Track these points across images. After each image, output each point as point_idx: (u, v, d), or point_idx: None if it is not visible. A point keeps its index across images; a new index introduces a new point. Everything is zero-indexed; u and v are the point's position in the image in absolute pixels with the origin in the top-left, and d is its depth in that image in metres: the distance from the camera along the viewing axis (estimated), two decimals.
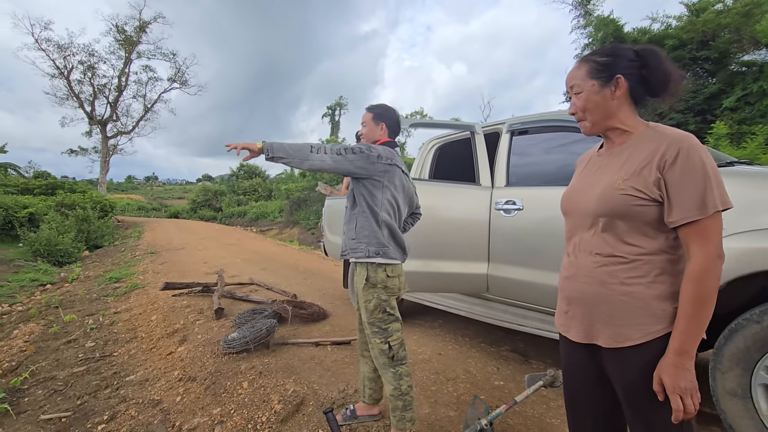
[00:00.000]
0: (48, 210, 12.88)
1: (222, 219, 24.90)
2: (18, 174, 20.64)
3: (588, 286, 1.02)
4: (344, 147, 1.71)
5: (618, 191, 0.96)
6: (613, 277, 0.97)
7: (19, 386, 2.82)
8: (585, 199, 1.06)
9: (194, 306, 4.36)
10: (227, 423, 2.11)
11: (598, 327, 1.00)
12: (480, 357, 2.89)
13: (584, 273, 1.03)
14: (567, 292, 1.10)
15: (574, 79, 1.07)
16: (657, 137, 0.96)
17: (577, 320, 1.06)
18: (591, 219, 1.03)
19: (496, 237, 2.68)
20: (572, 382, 1.15)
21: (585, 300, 1.03)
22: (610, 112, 1.02)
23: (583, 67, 1.05)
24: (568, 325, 1.10)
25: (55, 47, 24.15)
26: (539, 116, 2.78)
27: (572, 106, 1.09)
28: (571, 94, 1.09)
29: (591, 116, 1.05)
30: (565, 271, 1.12)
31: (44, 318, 4.54)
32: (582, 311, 1.04)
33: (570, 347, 1.12)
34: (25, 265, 8.34)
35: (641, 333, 0.94)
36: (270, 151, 1.64)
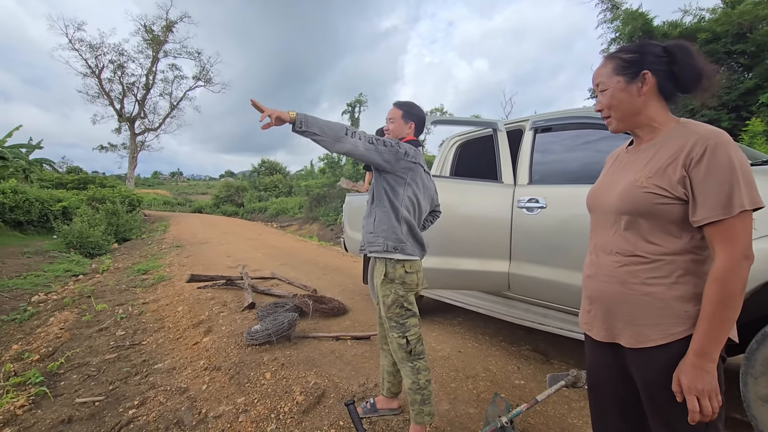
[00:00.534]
0: (80, 204, 13.42)
1: (243, 214, 25.39)
2: (52, 169, 21.56)
3: (609, 286, 1.01)
4: (376, 138, 1.70)
5: (641, 189, 0.95)
6: (634, 276, 0.96)
7: (56, 371, 2.96)
8: (608, 196, 1.05)
9: (218, 298, 4.48)
10: (251, 412, 2.17)
11: (620, 326, 1.00)
12: (500, 355, 2.87)
13: (605, 272, 1.03)
14: (589, 291, 1.09)
15: (599, 77, 1.06)
16: (685, 134, 0.94)
17: (599, 319, 1.05)
18: (612, 217, 1.02)
19: (518, 235, 2.66)
20: (596, 381, 1.14)
21: (606, 299, 1.02)
22: (637, 109, 1.01)
23: (608, 65, 1.04)
24: (590, 323, 1.10)
25: (87, 47, 25.04)
26: (564, 113, 2.73)
27: (598, 103, 1.08)
28: (597, 91, 1.08)
29: (617, 113, 1.03)
30: (587, 270, 1.11)
31: (78, 307, 4.75)
32: (603, 310, 1.04)
33: (594, 345, 1.11)
34: (59, 256, 8.73)
35: (662, 334, 0.92)
36: (303, 124, 1.54)
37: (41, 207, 12.12)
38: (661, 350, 0.93)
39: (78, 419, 2.28)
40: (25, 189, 12.16)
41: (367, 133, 1.70)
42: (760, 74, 8.18)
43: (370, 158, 1.69)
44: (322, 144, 1.59)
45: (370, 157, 1.68)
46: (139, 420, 2.20)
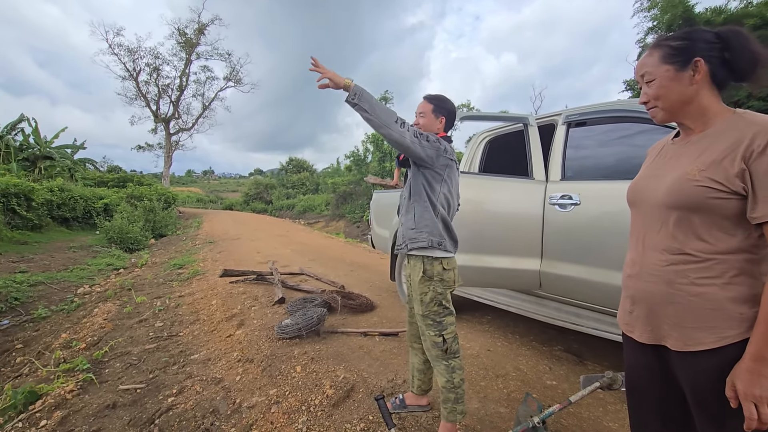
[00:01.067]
0: (120, 201, 14.12)
1: (272, 211, 25.96)
2: (95, 168, 22.78)
3: (654, 286, 0.96)
4: (420, 132, 1.68)
5: (692, 182, 0.89)
6: (683, 276, 0.91)
7: (101, 359, 3.13)
8: (653, 190, 0.99)
9: (249, 293, 4.61)
10: (283, 403, 2.22)
11: (666, 328, 0.95)
12: (531, 355, 2.82)
13: (650, 271, 0.98)
14: (631, 290, 1.04)
15: (644, 67, 1.01)
16: (744, 125, 0.88)
17: (642, 320, 1.01)
18: (659, 212, 0.97)
19: (550, 232, 2.59)
20: (636, 384, 1.09)
21: (651, 300, 0.97)
22: (688, 98, 0.95)
23: (655, 53, 0.99)
24: (632, 324, 1.05)
25: (126, 51, 26.27)
26: (599, 106, 2.64)
27: (644, 95, 1.03)
28: (641, 83, 1.04)
29: (665, 103, 0.98)
30: (629, 269, 1.06)
31: (119, 299, 5.00)
32: (647, 311, 0.99)
33: (634, 347, 1.06)
34: (101, 251, 9.22)
35: (715, 337, 0.87)
36: (357, 97, 1.51)
37: (85, 204, 12.84)
38: (713, 354, 0.88)
39: (121, 405, 2.40)
40: (70, 187, 12.90)
41: (412, 126, 1.68)
42: None
43: (414, 151, 1.66)
44: (370, 123, 1.57)
45: (413, 150, 1.66)
46: (177, 407, 2.30)
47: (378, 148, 17.00)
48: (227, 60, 29.16)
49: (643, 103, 1.04)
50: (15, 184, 10.06)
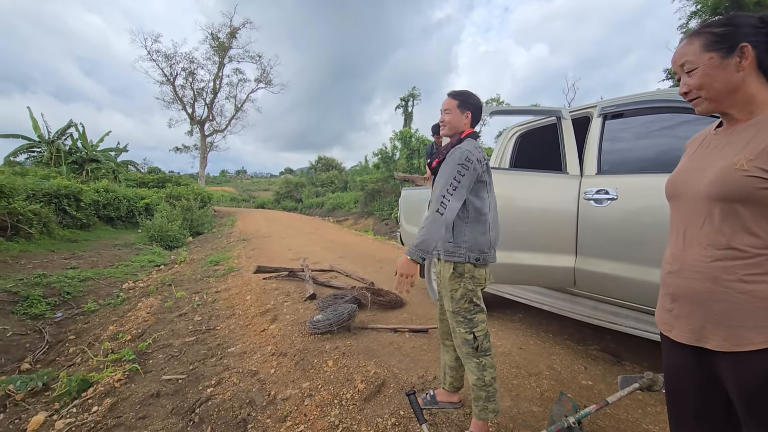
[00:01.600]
0: (160, 201, 14.79)
1: (302, 209, 26.48)
2: (136, 170, 23.94)
3: (697, 283, 0.92)
4: (452, 177, 1.65)
5: (740, 172, 0.84)
6: (730, 273, 0.86)
7: (145, 350, 3.31)
8: (696, 183, 0.95)
9: (282, 289, 4.73)
10: (315, 396, 2.28)
11: (710, 328, 0.90)
12: (565, 354, 2.75)
13: (693, 268, 0.93)
14: (671, 288, 0.99)
15: (684, 56, 0.96)
16: None
17: (683, 320, 0.96)
18: (703, 205, 0.92)
19: (586, 228, 2.51)
20: (676, 387, 1.05)
21: (693, 298, 0.93)
22: (734, 87, 0.90)
23: (695, 41, 0.94)
24: (671, 324, 1.00)
25: (163, 57, 27.40)
26: (637, 97, 2.53)
27: (683, 85, 0.98)
28: (680, 73, 0.99)
29: (709, 93, 0.93)
30: (669, 265, 1.01)
31: (161, 294, 5.26)
32: (689, 310, 0.94)
33: (673, 348, 1.02)
34: (143, 248, 9.70)
35: (766, 337, 0.82)
36: (423, 253, 1.58)
37: (128, 204, 13.54)
38: (764, 355, 0.83)
39: (165, 394, 2.54)
40: (114, 188, 13.64)
41: (445, 182, 1.65)
42: None
43: (465, 195, 1.69)
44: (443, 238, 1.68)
45: (464, 196, 1.68)
46: (216, 398, 2.40)
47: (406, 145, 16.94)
48: (258, 62, 29.88)
49: (684, 93, 0.99)
50: (65, 186, 10.75)
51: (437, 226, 1.59)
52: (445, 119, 1.86)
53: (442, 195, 1.62)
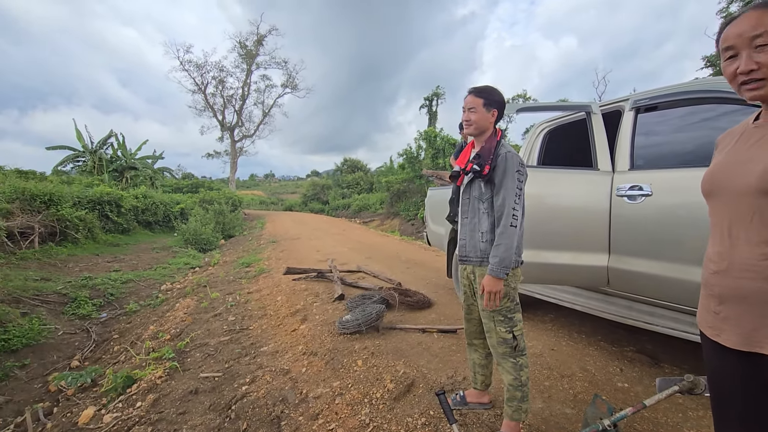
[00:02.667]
0: (194, 205, 15.36)
1: (329, 211, 26.80)
2: (171, 176, 24.95)
3: (750, 282, 0.86)
4: (515, 186, 1.69)
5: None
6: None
7: (183, 349, 3.46)
8: (741, 177, 0.89)
9: (311, 290, 4.82)
10: (346, 395, 2.32)
11: (765, 332, 0.84)
12: (599, 356, 2.67)
13: (743, 266, 0.87)
14: (718, 289, 0.93)
15: (762, 26, 0.84)
16: None
17: (733, 323, 0.90)
18: (751, 200, 0.87)
19: (619, 226, 2.44)
20: (724, 393, 0.98)
21: (746, 299, 0.87)
22: None
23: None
24: (719, 328, 0.94)
25: (194, 67, 28.48)
26: (672, 88, 2.43)
27: (749, 61, 0.86)
28: (743, 47, 0.88)
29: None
30: (714, 265, 0.95)
31: (196, 295, 5.47)
32: (740, 312, 0.88)
33: (720, 352, 0.96)
34: (179, 251, 10.10)
35: None
36: (507, 269, 1.65)
37: (164, 209, 14.15)
38: None
39: (203, 391, 2.64)
40: (152, 194, 14.27)
41: (511, 193, 1.69)
42: None
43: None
44: (521, 248, 1.76)
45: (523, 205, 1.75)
46: (251, 395, 2.48)
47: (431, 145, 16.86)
48: (284, 68, 30.59)
49: (746, 72, 0.87)
50: (107, 192, 11.35)
51: (515, 239, 1.67)
52: (471, 118, 1.82)
53: (513, 208, 1.68)
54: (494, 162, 1.74)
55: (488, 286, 1.67)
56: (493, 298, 1.67)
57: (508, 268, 1.65)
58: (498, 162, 1.73)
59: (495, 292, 1.66)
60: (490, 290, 1.66)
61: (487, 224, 1.77)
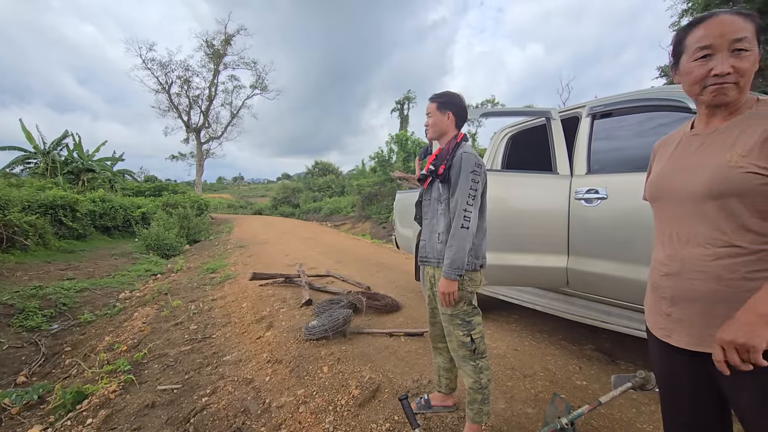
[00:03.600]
0: (156, 209, 14.77)
1: (299, 215, 26.44)
2: (132, 178, 23.90)
3: (701, 284, 0.89)
4: (469, 187, 1.69)
5: (735, 170, 0.84)
6: (733, 271, 0.85)
7: (140, 360, 3.29)
8: (685, 183, 0.93)
9: (278, 295, 4.72)
10: (310, 403, 2.27)
11: (715, 332, 0.86)
12: (560, 355, 2.75)
13: (694, 268, 0.90)
14: (669, 291, 0.96)
15: (743, 31, 0.86)
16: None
17: (686, 324, 0.93)
18: (695, 204, 0.91)
19: (577, 228, 2.52)
20: (673, 393, 1.02)
21: (698, 300, 0.90)
22: (750, 83, 0.89)
23: (750, 23, 0.87)
24: (670, 329, 0.97)
25: (158, 65, 27.50)
26: (625, 96, 2.54)
27: (726, 64, 0.87)
28: (720, 50, 0.88)
29: (746, 84, 0.88)
30: (665, 267, 0.98)
31: (157, 303, 5.24)
32: (692, 313, 0.91)
33: (671, 354, 0.99)
34: (140, 257, 9.67)
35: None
36: (459, 270, 1.65)
37: (124, 213, 13.51)
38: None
39: (160, 404, 2.52)
40: (111, 197, 13.60)
41: (464, 192, 1.69)
42: None
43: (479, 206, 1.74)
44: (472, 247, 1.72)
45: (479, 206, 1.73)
46: (211, 407, 2.39)
47: (402, 148, 17.01)
48: (253, 68, 30.06)
49: (723, 74, 0.88)
50: (61, 196, 10.72)
51: (466, 240, 1.65)
52: (429, 122, 1.88)
53: (464, 209, 1.67)
54: (450, 162, 1.76)
55: (441, 287, 1.67)
56: (447, 299, 1.68)
57: (461, 270, 1.64)
58: (453, 162, 1.75)
59: (448, 293, 1.66)
60: (443, 291, 1.67)
61: (443, 225, 1.78)
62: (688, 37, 0.94)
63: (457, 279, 1.65)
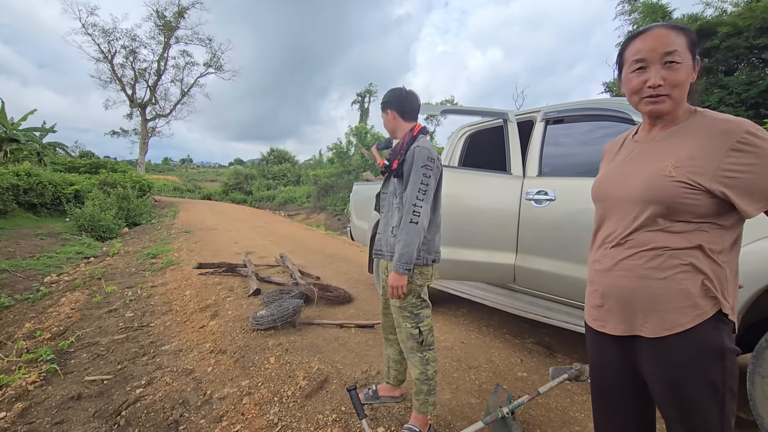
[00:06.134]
0: (92, 188, 13.63)
1: (252, 202, 25.56)
2: (66, 153, 21.86)
3: (627, 280, 0.96)
4: (419, 181, 1.67)
5: (668, 179, 0.90)
6: (654, 270, 0.92)
7: (67, 349, 3.03)
8: (625, 187, 1.00)
9: (225, 283, 4.53)
10: (254, 395, 2.20)
11: (642, 317, 0.94)
12: (504, 347, 2.87)
13: (621, 266, 0.98)
14: (602, 286, 1.03)
15: (674, 45, 0.90)
16: (710, 122, 0.91)
17: (615, 313, 1.00)
18: (629, 207, 0.97)
19: (526, 227, 2.63)
20: (604, 381, 1.10)
21: (624, 294, 0.97)
22: (686, 95, 0.95)
23: (682, 36, 0.92)
24: (604, 319, 1.04)
25: (100, 32, 25.17)
26: (576, 104, 2.68)
27: (657, 76, 0.92)
28: (653, 62, 0.93)
29: (679, 93, 0.93)
30: (598, 264, 1.05)
31: (88, 288, 4.84)
32: (620, 304, 0.99)
33: (603, 343, 1.06)
34: (71, 239, 8.88)
35: (691, 317, 0.88)
36: (407, 265, 1.64)
37: (54, 190, 12.32)
38: (689, 335, 0.89)
39: (87, 396, 2.33)
40: (38, 172, 12.35)
41: (415, 186, 1.68)
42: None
43: (431, 200, 1.74)
44: (422, 242, 1.71)
45: (431, 200, 1.73)
46: (145, 399, 2.25)
47: (361, 141, 16.91)
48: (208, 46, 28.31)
49: (655, 85, 0.93)
50: None
51: (414, 235, 1.64)
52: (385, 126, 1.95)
53: (413, 204, 1.66)
54: (403, 157, 1.77)
55: (390, 281, 1.68)
56: (396, 292, 1.69)
57: (409, 264, 1.65)
58: (407, 157, 1.75)
59: (396, 287, 1.67)
60: (391, 284, 1.68)
61: (397, 219, 1.78)
62: (627, 50, 0.99)
63: (406, 273, 1.65)
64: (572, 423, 1.96)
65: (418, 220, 1.65)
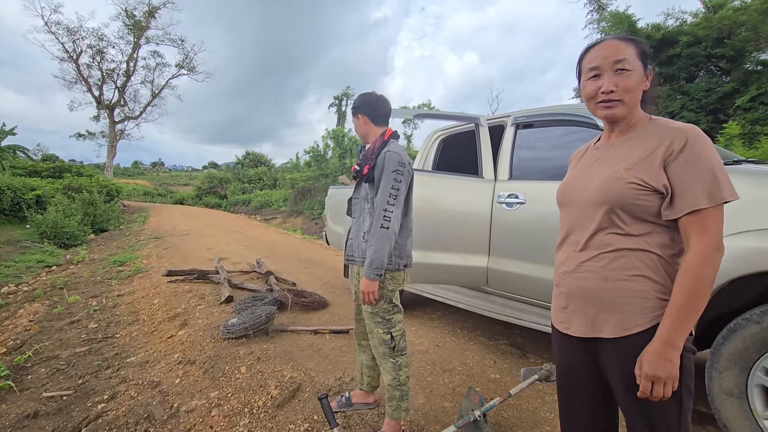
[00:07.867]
0: (55, 193, 13.01)
1: (227, 206, 25.00)
2: (26, 156, 20.82)
3: (590, 282, 1.00)
4: (390, 186, 1.67)
5: (620, 181, 0.94)
6: (615, 271, 0.96)
7: (23, 364, 2.86)
8: (583, 191, 1.04)
9: (196, 291, 4.40)
10: (224, 406, 2.13)
11: (604, 317, 0.98)
12: (477, 350, 2.89)
13: (584, 268, 1.01)
14: (566, 288, 1.07)
15: (624, 54, 0.97)
16: (661, 129, 0.96)
17: (578, 314, 1.03)
18: (590, 210, 1.01)
19: (497, 230, 2.67)
20: (569, 381, 1.13)
21: (587, 295, 1.01)
22: (638, 101, 1.00)
23: (632, 47, 0.99)
24: (568, 321, 1.07)
25: (65, 30, 24.19)
26: (545, 110, 2.74)
27: (610, 83, 0.98)
28: (605, 70, 0.99)
29: (631, 99, 0.98)
30: (563, 266, 1.09)
31: (49, 299, 4.60)
32: (583, 305, 1.02)
33: (567, 344, 1.09)
34: (31, 247, 8.44)
35: (648, 318, 0.93)
36: (380, 269, 1.63)
37: (13, 195, 11.67)
38: (647, 336, 0.92)
39: (44, 414, 2.20)
40: None
41: (385, 192, 1.67)
42: (737, 78, 8.40)
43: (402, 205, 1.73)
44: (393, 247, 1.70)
45: (402, 205, 1.72)
46: (108, 414, 2.14)
47: (338, 144, 16.83)
48: (180, 46, 27.67)
49: (607, 91, 0.98)
50: None
51: (385, 240, 1.63)
52: (356, 132, 1.95)
53: (384, 209, 1.65)
54: (374, 162, 1.76)
55: (362, 286, 1.68)
56: (367, 297, 1.68)
57: (380, 270, 1.64)
58: (377, 162, 1.75)
59: (368, 292, 1.66)
60: (363, 290, 1.67)
61: (368, 224, 1.77)
62: (584, 60, 1.06)
63: (377, 278, 1.64)
64: (543, 423, 1.99)
65: (389, 225, 1.64)
